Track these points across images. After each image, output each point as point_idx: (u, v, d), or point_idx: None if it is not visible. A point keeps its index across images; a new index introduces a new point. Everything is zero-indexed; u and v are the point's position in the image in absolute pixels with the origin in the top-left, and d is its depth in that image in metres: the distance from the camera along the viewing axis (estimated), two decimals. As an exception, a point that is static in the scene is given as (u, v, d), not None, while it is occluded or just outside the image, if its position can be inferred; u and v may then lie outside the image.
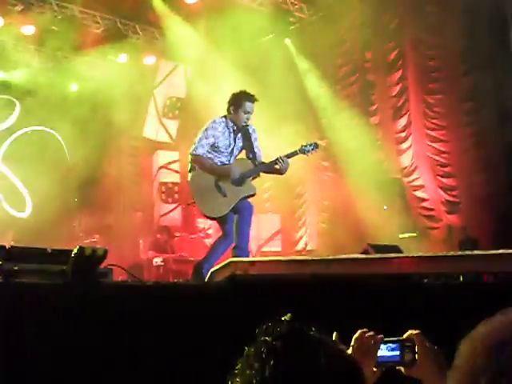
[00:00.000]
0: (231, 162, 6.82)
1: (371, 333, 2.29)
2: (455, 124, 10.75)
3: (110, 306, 4.01)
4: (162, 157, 15.09)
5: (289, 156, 6.84)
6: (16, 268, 4.08)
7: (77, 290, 4.00)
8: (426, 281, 4.68)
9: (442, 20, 10.68)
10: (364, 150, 11.70)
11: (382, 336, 2.28)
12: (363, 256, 5.19)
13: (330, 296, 4.30)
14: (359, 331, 2.29)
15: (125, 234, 13.27)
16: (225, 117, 6.85)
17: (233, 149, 6.83)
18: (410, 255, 5.10)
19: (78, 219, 13.37)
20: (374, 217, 11.02)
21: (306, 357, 1.54)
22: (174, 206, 14.41)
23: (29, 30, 12.93)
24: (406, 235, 10.38)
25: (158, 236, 12.47)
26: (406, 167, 11.20)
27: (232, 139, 6.81)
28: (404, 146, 11.25)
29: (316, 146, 7.08)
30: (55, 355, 3.68)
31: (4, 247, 4.32)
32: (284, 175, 7.14)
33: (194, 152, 6.67)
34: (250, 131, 6.92)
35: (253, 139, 6.92)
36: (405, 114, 11.23)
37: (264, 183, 13.27)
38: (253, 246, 12.75)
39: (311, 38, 12.59)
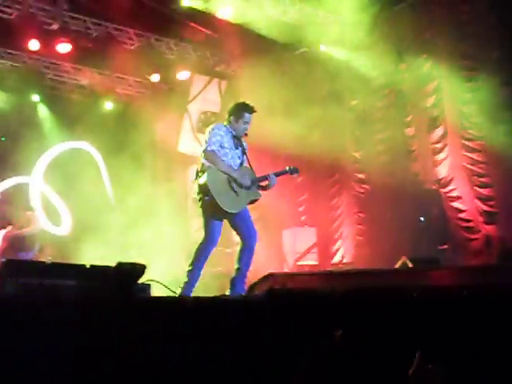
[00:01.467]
0: (234, 166, 7.10)
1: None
2: (492, 134, 10.64)
3: (149, 321, 4.03)
4: (197, 172, 15.10)
5: (278, 174, 7.33)
6: (56, 284, 4.13)
7: (116, 306, 4.02)
8: (465, 292, 4.64)
9: (477, 30, 10.59)
10: (399, 162, 11.62)
11: None
12: (402, 268, 5.16)
13: (369, 309, 4.27)
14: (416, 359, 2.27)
15: (161, 250, 13.29)
16: (224, 125, 7.19)
17: (235, 153, 7.17)
18: (449, 267, 5.05)
19: (115, 234, 13.45)
20: (410, 229, 10.94)
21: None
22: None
23: (64, 48, 13.06)
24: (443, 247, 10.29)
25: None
26: (442, 178, 11.09)
27: (233, 144, 7.15)
28: (440, 156, 11.14)
29: (297, 170, 7.64)
30: (95, 369, 3.71)
31: (44, 263, 4.37)
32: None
33: (209, 148, 6.93)
34: (245, 148, 7.30)
35: (246, 152, 7.28)
36: (440, 124, 11.15)
37: (299, 196, 13.28)
38: (289, 259, 12.73)
39: (345, 49, 12.59)
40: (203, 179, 6.89)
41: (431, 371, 2.26)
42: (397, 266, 6.57)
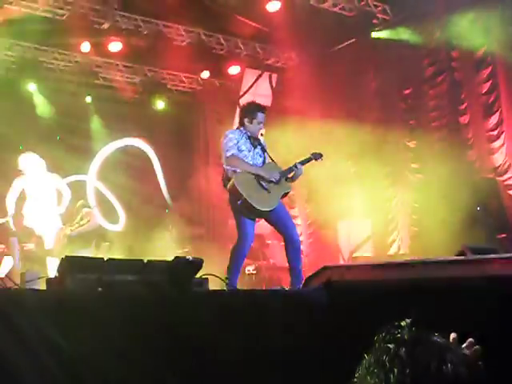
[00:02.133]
0: (257, 165, 7.17)
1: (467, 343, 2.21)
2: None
3: (206, 314, 4.04)
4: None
5: (303, 162, 7.34)
6: (114, 279, 4.17)
7: (173, 300, 4.04)
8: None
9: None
10: (454, 150, 11.46)
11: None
12: (461, 258, 5.06)
13: (429, 300, 4.21)
14: (468, 342, 2.22)
15: (217, 244, 13.35)
16: (237, 129, 7.30)
17: (255, 152, 7.20)
18: (510, 256, 4.94)
19: (170, 230, 13.58)
20: (467, 218, 10.79)
21: (432, 364, 1.49)
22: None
23: (116, 47, 13.19)
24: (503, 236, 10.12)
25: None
26: (499, 166, 10.89)
27: (250, 144, 7.17)
28: (496, 144, 10.94)
29: (320, 155, 7.64)
30: (155, 363, 3.73)
31: (102, 259, 4.42)
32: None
33: (228, 153, 6.99)
34: (264, 146, 7.38)
35: (266, 149, 7.36)
36: (496, 111, 10.93)
37: (353, 188, 13.19)
38: (344, 252, 12.67)
39: (395, 40, 12.46)
40: (232, 185, 6.93)
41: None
42: (455, 255, 6.47)
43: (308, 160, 7.43)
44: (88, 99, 14.60)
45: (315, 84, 13.12)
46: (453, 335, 2.01)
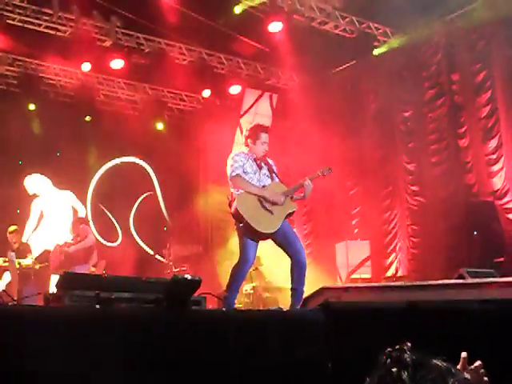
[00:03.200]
0: (261, 186, 7.10)
1: (475, 365, 2.22)
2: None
3: (204, 333, 4.04)
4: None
5: (312, 178, 7.20)
6: (112, 296, 4.16)
7: (171, 318, 4.04)
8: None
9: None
10: (454, 174, 11.49)
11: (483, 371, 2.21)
12: (459, 281, 5.07)
13: (426, 323, 4.21)
14: (462, 359, 2.23)
15: (214, 263, 13.35)
16: (242, 152, 7.28)
17: (262, 173, 7.18)
18: (508, 280, 4.95)
19: (168, 248, 13.57)
20: (465, 241, 10.80)
21: None
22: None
23: (117, 64, 13.24)
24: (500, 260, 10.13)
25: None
26: (498, 190, 10.91)
27: (256, 166, 7.16)
28: (495, 167, 10.96)
29: (330, 170, 7.44)
30: (150, 381, 3.73)
31: (100, 276, 4.42)
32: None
33: (233, 174, 6.99)
34: (272, 165, 7.37)
35: (275, 170, 7.34)
36: (495, 135, 10.97)
37: (352, 209, 13.21)
38: (342, 273, 12.66)
39: (396, 61, 12.53)
40: (234, 207, 6.92)
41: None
42: (453, 279, 6.49)
43: (317, 175, 7.36)
44: (87, 118, 14.61)
45: (315, 105, 13.18)
46: (463, 354, 2.01)
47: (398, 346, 1.64)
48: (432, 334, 3.92)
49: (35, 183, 11.13)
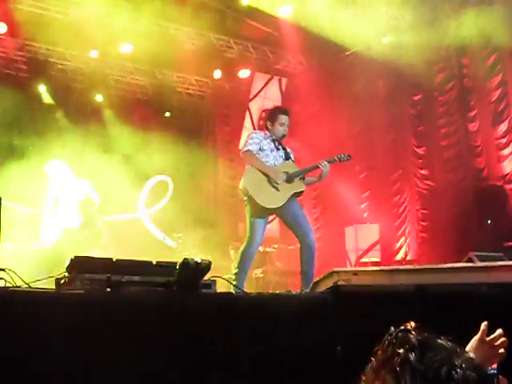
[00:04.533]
0: (274, 165, 7.20)
1: (495, 334, 2.24)
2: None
3: (214, 316, 4.06)
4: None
5: (329, 161, 7.25)
6: (123, 280, 4.19)
7: (182, 301, 4.06)
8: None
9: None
10: (463, 158, 11.47)
11: (504, 339, 2.23)
12: (468, 265, 5.08)
13: (435, 306, 4.23)
14: (482, 330, 2.24)
15: (223, 247, 13.37)
16: (262, 131, 7.41)
17: (278, 154, 7.26)
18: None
19: (178, 233, 13.59)
20: (474, 225, 10.79)
21: (442, 369, 1.50)
22: (271, 217, 14.47)
23: (126, 48, 13.24)
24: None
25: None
26: (507, 174, 10.88)
27: (274, 146, 7.24)
28: (505, 152, 10.93)
29: (349, 157, 7.47)
30: (161, 364, 3.75)
31: (111, 260, 4.44)
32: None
33: (244, 148, 7.13)
34: (290, 152, 7.45)
35: (291, 157, 7.41)
36: (505, 119, 10.92)
37: (361, 193, 13.21)
38: (351, 256, 12.67)
39: (406, 45, 12.46)
40: (241, 181, 7.05)
41: (494, 341, 2.23)
42: (462, 262, 6.49)
43: (334, 160, 7.38)
44: (99, 98, 14.63)
45: (324, 89, 13.15)
46: (483, 325, 2.04)
47: (402, 327, 1.65)
48: (441, 316, 3.94)
49: (53, 168, 11.14)
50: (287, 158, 7.33)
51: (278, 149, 7.28)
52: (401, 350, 1.55)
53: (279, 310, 4.31)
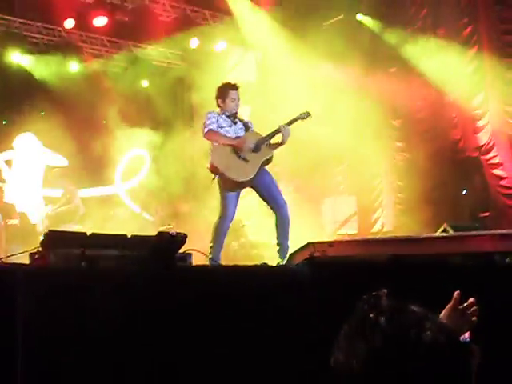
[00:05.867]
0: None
1: (468, 302, 2.27)
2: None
3: (189, 289, 4.06)
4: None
5: (290, 123, 7.28)
6: (98, 254, 4.18)
7: (157, 275, 4.06)
8: (507, 260, 4.58)
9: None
10: (439, 129, 11.50)
11: (475, 307, 2.26)
12: (442, 235, 5.12)
13: (409, 276, 4.25)
14: (454, 299, 2.27)
15: (200, 221, 13.36)
16: (213, 111, 7.37)
17: (237, 127, 7.31)
18: (490, 233, 4.99)
19: (155, 207, 13.56)
20: (450, 197, 10.85)
21: (411, 331, 1.51)
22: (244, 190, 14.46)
23: (101, 21, 13.11)
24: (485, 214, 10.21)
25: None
26: (483, 145, 10.93)
27: (231, 121, 7.29)
28: (481, 123, 10.98)
29: (309, 114, 7.48)
30: (136, 339, 3.75)
31: (85, 234, 4.42)
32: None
33: (205, 129, 7.12)
34: (248, 122, 7.49)
35: (250, 126, 7.45)
36: (481, 90, 10.96)
37: (339, 166, 13.22)
38: (328, 228, 12.72)
39: (379, 16, 12.45)
40: (209, 161, 7.09)
41: (467, 309, 2.25)
42: (437, 233, 6.54)
43: (295, 120, 7.39)
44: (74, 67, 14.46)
45: (300, 61, 13.07)
46: (456, 294, 2.06)
47: (374, 293, 1.66)
48: (415, 286, 3.96)
49: (21, 141, 11.10)
50: (247, 129, 7.34)
51: (235, 123, 7.32)
52: (371, 315, 1.56)
53: (256, 283, 4.32)
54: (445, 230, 6.20)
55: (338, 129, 12.46)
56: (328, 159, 12.92)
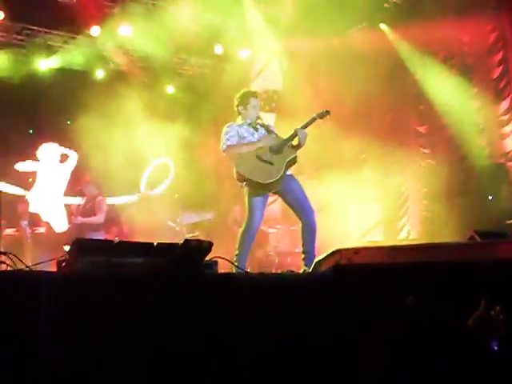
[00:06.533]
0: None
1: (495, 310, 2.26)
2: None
3: (217, 296, 4.06)
4: (260, 150, 15.14)
5: (306, 125, 7.30)
6: (124, 261, 4.20)
7: (184, 282, 4.06)
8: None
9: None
10: (465, 136, 11.43)
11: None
12: (469, 242, 5.07)
13: (437, 284, 4.22)
14: (482, 306, 2.26)
15: (225, 228, 13.37)
16: (232, 123, 7.43)
17: (258, 136, 7.34)
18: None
19: (180, 215, 13.58)
20: (478, 203, 10.78)
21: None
22: (274, 198, 14.45)
23: (126, 31, 13.21)
24: (512, 221, 10.10)
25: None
26: (509, 151, 10.86)
27: (252, 129, 7.33)
28: (507, 129, 10.90)
29: (328, 112, 7.46)
30: (163, 347, 3.75)
31: (112, 242, 4.44)
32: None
33: (224, 147, 7.21)
34: (270, 126, 7.55)
35: (272, 129, 7.48)
36: (507, 96, 10.89)
37: (363, 172, 13.18)
38: (354, 237, 12.68)
39: (406, 25, 12.39)
40: (235, 172, 7.14)
41: (495, 317, 2.25)
42: (464, 240, 6.49)
43: (312, 120, 7.39)
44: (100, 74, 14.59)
45: (325, 68, 13.06)
46: (484, 301, 2.07)
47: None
48: (442, 294, 3.93)
49: (45, 151, 11.21)
50: (269, 133, 7.37)
51: (257, 130, 7.35)
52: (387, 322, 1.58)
53: (281, 290, 4.31)
54: (472, 237, 6.14)
55: (364, 135, 12.43)
56: (353, 167, 12.89)
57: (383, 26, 12.78)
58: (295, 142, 7.29)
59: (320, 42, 13.46)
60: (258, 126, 7.37)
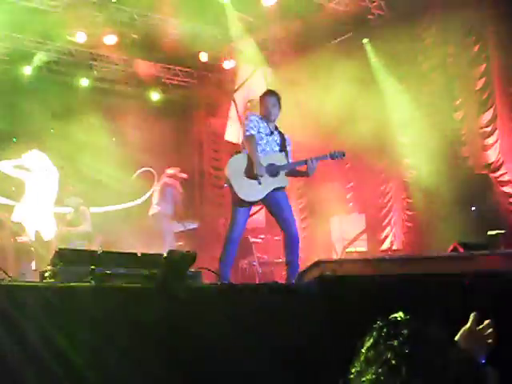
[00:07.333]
0: (270, 151, 7.15)
1: (484, 324, 2.25)
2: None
3: (201, 307, 4.05)
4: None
5: (318, 159, 7.21)
6: (108, 272, 4.18)
7: (167, 293, 4.05)
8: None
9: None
10: (448, 147, 11.47)
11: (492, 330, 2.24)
12: (453, 254, 5.09)
13: (420, 295, 4.23)
14: (471, 320, 2.25)
15: (209, 238, 13.36)
16: (257, 114, 7.33)
17: (272, 138, 7.23)
18: (501, 252, 4.97)
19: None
20: (461, 214, 10.80)
21: (436, 363, 1.50)
22: (258, 208, 14.45)
23: (110, 39, 13.19)
24: (494, 232, 10.13)
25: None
26: (492, 162, 10.91)
27: (269, 129, 7.22)
28: (490, 140, 10.95)
29: (343, 154, 7.45)
30: (148, 357, 3.74)
31: (96, 252, 4.43)
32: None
33: (247, 133, 7.06)
34: (286, 139, 7.35)
35: (287, 145, 7.31)
36: (490, 107, 10.95)
37: (347, 183, 13.21)
38: (338, 246, 12.69)
39: (390, 36, 12.44)
40: (226, 168, 7.09)
41: (484, 331, 2.23)
42: (447, 251, 6.52)
43: (324, 157, 7.36)
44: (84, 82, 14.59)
45: (309, 79, 13.09)
46: (472, 315, 2.05)
47: (394, 317, 1.65)
48: (426, 305, 3.94)
49: (33, 159, 11.16)
50: (282, 145, 7.29)
51: (272, 132, 7.25)
52: (395, 343, 1.55)
53: (266, 301, 4.31)
54: (455, 249, 6.17)
55: (346, 146, 12.45)
56: (337, 177, 12.93)
57: (365, 41, 12.82)
58: (303, 168, 7.24)
59: (304, 53, 13.51)
60: (276, 132, 7.32)
